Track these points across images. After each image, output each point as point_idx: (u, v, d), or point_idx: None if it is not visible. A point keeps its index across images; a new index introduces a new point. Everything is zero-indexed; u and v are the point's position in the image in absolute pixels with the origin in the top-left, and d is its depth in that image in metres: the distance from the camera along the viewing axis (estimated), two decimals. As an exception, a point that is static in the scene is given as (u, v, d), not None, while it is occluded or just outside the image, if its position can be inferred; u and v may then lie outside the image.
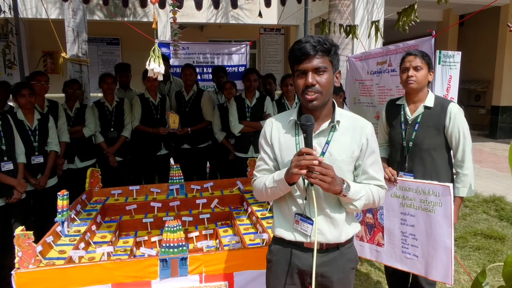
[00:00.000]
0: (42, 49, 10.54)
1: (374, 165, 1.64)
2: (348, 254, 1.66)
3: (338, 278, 1.63)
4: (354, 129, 1.61)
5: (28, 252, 1.95)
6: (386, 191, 1.71)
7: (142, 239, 2.79)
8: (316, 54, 1.49)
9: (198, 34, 11.52)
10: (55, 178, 3.66)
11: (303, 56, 1.50)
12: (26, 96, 3.35)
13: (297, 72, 1.54)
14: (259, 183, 1.68)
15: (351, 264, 1.68)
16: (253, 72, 4.35)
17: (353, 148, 1.59)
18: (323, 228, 1.60)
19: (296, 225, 1.61)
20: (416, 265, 2.41)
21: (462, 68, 3.33)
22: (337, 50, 1.57)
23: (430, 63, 2.42)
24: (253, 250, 2.21)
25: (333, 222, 1.60)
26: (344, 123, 1.61)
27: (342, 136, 1.59)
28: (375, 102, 3.87)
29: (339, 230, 1.61)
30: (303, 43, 1.50)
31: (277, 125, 1.68)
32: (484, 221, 4.61)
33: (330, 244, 1.62)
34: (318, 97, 1.52)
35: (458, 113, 2.35)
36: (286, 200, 1.65)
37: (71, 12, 4.90)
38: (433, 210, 2.30)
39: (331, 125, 1.59)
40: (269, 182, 1.60)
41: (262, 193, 1.66)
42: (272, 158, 1.68)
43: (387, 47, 3.66)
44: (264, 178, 1.65)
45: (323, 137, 1.59)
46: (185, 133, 4.43)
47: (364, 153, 1.60)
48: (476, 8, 8.59)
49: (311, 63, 1.50)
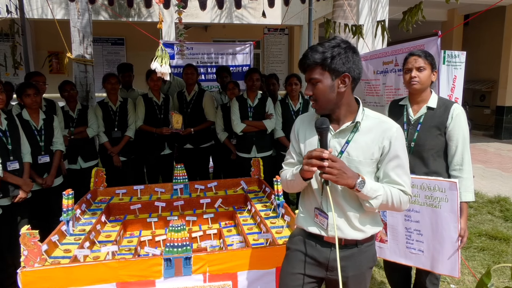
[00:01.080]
0: (47, 49, 10.61)
1: (397, 169, 1.60)
2: (367, 253, 1.68)
3: (353, 274, 1.65)
4: (377, 130, 1.60)
5: (34, 251, 1.96)
6: (410, 198, 1.67)
7: (147, 239, 2.80)
8: (308, 67, 1.57)
9: (202, 34, 11.55)
10: (60, 177, 3.68)
11: (301, 68, 1.61)
12: (31, 95, 3.38)
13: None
14: (284, 175, 1.78)
15: (368, 263, 1.70)
16: (255, 72, 4.36)
17: (372, 150, 1.58)
18: (340, 224, 1.62)
19: (316, 219, 1.68)
20: (421, 260, 2.42)
21: (467, 68, 3.32)
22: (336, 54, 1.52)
23: (433, 63, 2.41)
24: (257, 250, 2.21)
25: (349, 219, 1.61)
26: (368, 123, 1.61)
27: (363, 137, 1.59)
28: (382, 102, 3.86)
29: (356, 227, 1.62)
30: (303, 56, 1.59)
31: (304, 123, 1.76)
32: (489, 222, 4.59)
33: (348, 240, 1.64)
34: (315, 105, 1.62)
35: (460, 114, 2.33)
36: (309, 195, 1.72)
37: (76, 12, 4.93)
38: (439, 206, 2.31)
39: (353, 124, 1.60)
40: (289, 175, 1.71)
41: (286, 184, 1.76)
42: (297, 152, 1.77)
43: (393, 46, 3.65)
44: (288, 170, 1.76)
45: (343, 137, 1.61)
46: (188, 133, 4.44)
47: (386, 155, 1.59)
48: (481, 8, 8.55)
49: (306, 75, 1.60)
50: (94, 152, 4.32)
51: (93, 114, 4.22)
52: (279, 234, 2.44)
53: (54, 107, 3.94)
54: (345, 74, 1.55)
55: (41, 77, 3.83)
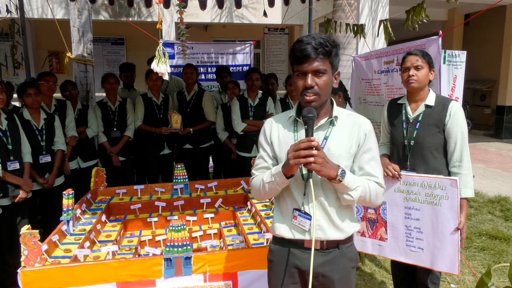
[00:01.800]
0: (47, 49, 10.59)
1: (371, 161, 1.62)
2: (348, 253, 1.66)
3: (339, 277, 1.62)
4: (352, 125, 1.62)
5: (34, 250, 1.97)
6: (385, 191, 1.70)
7: (147, 238, 2.80)
8: (317, 57, 1.49)
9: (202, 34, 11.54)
10: (62, 177, 3.68)
11: (304, 58, 1.50)
12: (32, 95, 3.37)
13: (297, 72, 1.55)
14: (257, 181, 1.68)
15: (351, 263, 1.67)
16: (255, 72, 4.36)
17: (351, 143, 1.60)
18: (323, 224, 1.59)
19: (294, 221, 1.61)
20: (421, 257, 2.43)
21: (467, 68, 3.32)
22: (338, 51, 1.57)
23: (431, 62, 2.44)
24: (257, 249, 2.21)
25: (332, 218, 1.60)
26: (343, 119, 1.63)
27: (340, 132, 1.60)
28: (383, 101, 3.86)
29: (338, 227, 1.61)
30: (305, 44, 1.50)
31: (276, 124, 1.70)
32: (489, 221, 4.58)
33: (330, 242, 1.61)
34: (316, 98, 1.54)
35: (458, 111, 2.35)
36: (284, 197, 1.66)
37: (76, 12, 4.92)
38: (439, 204, 2.32)
39: (329, 120, 1.61)
40: (267, 177, 1.60)
41: (259, 190, 1.65)
42: (271, 156, 1.69)
43: (394, 46, 3.65)
44: (262, 175, 1.65)
45: (322, 132, 1.61)
46: (187, 133, 4.44)
47: (361, 148, 1.61)
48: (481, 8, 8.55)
49: (311, 65, 1.50)
50: (94, 152, 4.32)
51: (93, 115, 4.21)
52: (279, 234, 2.44)
53: (64, 107, 3.93)
54: (338, 72, 1.62)
55: (52, 77, 3.83)
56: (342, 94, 3.15)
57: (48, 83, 3.77)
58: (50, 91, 3.81)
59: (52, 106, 3.86)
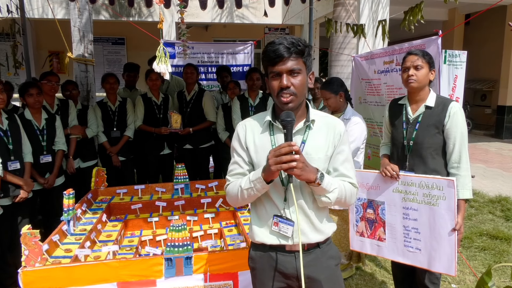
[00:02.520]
0: (48, 49, 10.60)
1: (345, 163, 1.63)
2: (329, 251, 1.66)
3: (325, 277, 1.62)
4: (327, 127, 1.62)
5: (35, 250, 1.97)
6: (358, 190, 1.71)
7: (147, 238, 2.80)
8: (290, 56, 1.49)
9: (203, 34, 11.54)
10: (62, 177, 3.68)
11: (277, 58, 1.49)
12: (34, 95, 3.38)
13: (272, 74, 1.53)
14: (233, 187, 1.62)
15: (334, 261, 1.67)
16: (255, 71, 4.36)
17: (327, 146, 1.60)
18: (304, 228, 1.59)
19: (274, 227, 1.58)
20: (419, 258, 2.43)
21: (468, 68, 3.31)
22: (311, 51, 1.57)
23: (431, 62, 2.43)
24: (257, 249, 2.21)
25: (312, 221, 1.60)
26: (318, 122, 1.62)
27: (317, 135, 1.60)
28: (383, 101, 3.86)
29: (319, 229, 1.61)
30: (277, 45, 1.49)
31: (251, 128, 1.66)
32: (490, 221, 4.58)
33: (311, 244, 1.62)
34: (293, 99, 1.51)
35: (458, 112, 2.34)
36: (263, 202, 1.62)
37: (77, 12, 4.92)
38: (437, 204, 2.33)
39: (306, 124, 1.59)
40: (245, 183, 1.54)
41: (237, 197, 1.59)
42: (247, 161, 1.64)
43: (393, 46, 3.65)
44: (238, 181, 1.60)
45: (299, 136, 1.60)
46: (187, 133, 4.44)
47: (335, 150, 1.61)
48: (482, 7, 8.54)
49: (285, 65, 1.49)
50: (93, 152, 4.33)
51: (93, 115, 4.22)
52: (280, 234, 2.44)
53: (67, 106, 3.94)
54: (312, 72, 1.61)
55: (55, 76, 3.84)
56: (343, 94, 3.15)
57: (50, 82, 3.77)
58: (52, 91, 3.81)
59: (55, 106, 3.86)
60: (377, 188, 2.58)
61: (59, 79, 3.91)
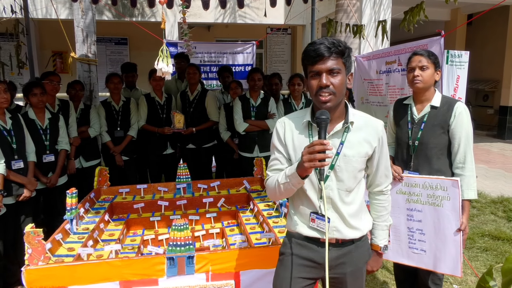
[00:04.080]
0: (51, 49, 10.64)
1: (386, 161, 1.73)
2: (362, 248, 1.71)
3: (351, 270, 1.67)
4: (367, 128, 1.63)
5: (38, 249, 1.98)
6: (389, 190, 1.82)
7: (150, 237, 2.81)
8: (330, 56, 1.51)
9: (205, 34, 11.55)
10: (65, 176, 3.70)
11: (317, 57, 1.51)
12: (37, 95, 3.40)
13: (311, 73, 1.55)
14: (271, 181, 1.67)
15: (364, 257, 1.73)
16: (257, 72, 4.36)
17: (366, 149, 1.62)
18: (339, 226, 1.63)
19: (312, 224, 1.64)
20: (424, 260, 2.42)
21: (470, 68, 3.31)
22: (350, 52, 1.58)
23: (437, 62, 2.42)
24: (259, 249, 2.22)
25: (346, 219, 1.63)
26: (358, 122, 1.63)
27: (355, 136, 1.61)
28: (385, 101, 3.86)
29: (353, 226, 1.65)
30: (318, 45, 1.51)
31: (290, 126, 1.69)
32: (492, 222, 4.58)
33: (345, 240, 1.66)
34: (332, 98, 1.53)
35: (463, 112, 2.34)
36: (302, 200, 1.68)
37: (80, 12, 4.95)
38: (441, 204, 2.32)
39: (345, 126, 1.60)
40: (282, 178, 1.59)
41: (275, 190, 1.64)
42: (286, 158, 1.69)
43: (396, 46, 3.66)
44: (276, 175, 1.65)
45: (337, 138, 1.61)
46: (190, 133, 4.45)
47: (377, 152, 1.66)
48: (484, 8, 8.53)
49: (325, 64, 1.51)
50: (96, 152, 4.34)
51: (95, 114, 4.23)
52: (281, 234, 2.44)
53: (67, 107, 3.95)
54: (351, 73, 1.65)
55: (56, 76, 3.86)
56: (348, 92, 3.14)
57: (52, 82, 3.79)
58: (54, 91, 3.83)
59: (56, 106, 3.88)
60: None
61: (60, 78, 3.93)
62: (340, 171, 1.59)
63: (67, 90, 4.16)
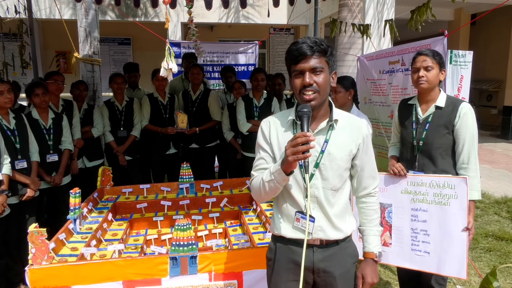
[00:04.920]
0: (55, 49, 10.67)
1: (372, 162, 1.71)
2: (347, 249, 1.69)
3: (340, 273, 1.65)
4: (351, 127, 1.64)
5: (41, 248, 1.99)
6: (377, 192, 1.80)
7: (153, 237, 2.82)
8: (313, 55, 1.51)
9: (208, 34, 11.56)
10: (68, 176, 3.71)
11: (300, 56, 1.52)
12: (40, 95, 3.41)
13: (294, 72, 1.56)
14: (256, 181, 1.65)
15: (351, 259, 1.70)
16: (260, 72, 4.36)
17: (350, 147, 1.62)
18: (323, 225, 1.62)
19: (296, 223, 1.63)
20: (427, 262, 2.37)
21: (473, 68, 3.30)
22: (333, 51, 1.60)
23: (442, 62, 2.41)
24: (262, 249, 2.21)
25: (331, 220, 1.62)
26: (342, 122, 1.64)
27: (340, 135, 1.61)
28: (389, 101, 3.85)
29: (338, 227, 1.64)
30: (300, 44, 1.52)
31: (275, 125, 1.69)
32: (496, 222, 4.56)
33: (329, 240, 1.65)
34: (316, 96, 1.53)
35: (468, 113, 2.33)
36: (285, 198, 1.66)
37: (83, 12, 4.96)
38: (448, 203, 2.29)
39: (329, 124, 1.61)
40: (266, 176, 1.57)
41: (260, 190, 1.61)
42: (272, 157, 1.67)
43: (399, 46, 3.65)
44: (261, 174, 1.63)
45: (322, 135, 1.61)
46: (193, 132, 4.46)
47: (362, 151, 1.65)
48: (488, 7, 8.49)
49: (308, 63, 1.52)
50: (99, 152, 4.36)
51: (98, 114, 4.25)
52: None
53: (71, 107, 3.97)
54: (335, 72, 1.62)
55: (60, 76, 3.88)
56: (353, 92, 3.13)
57: (56, 82, 3.81)
58: (58, 91, 3.85)
59: (60, 106, 3.89)
60: (384, 190, 2.54)
61: (64, 78, 3.94)
62: (325, 169, 1.59)
63: (71, 90, 4.18)
